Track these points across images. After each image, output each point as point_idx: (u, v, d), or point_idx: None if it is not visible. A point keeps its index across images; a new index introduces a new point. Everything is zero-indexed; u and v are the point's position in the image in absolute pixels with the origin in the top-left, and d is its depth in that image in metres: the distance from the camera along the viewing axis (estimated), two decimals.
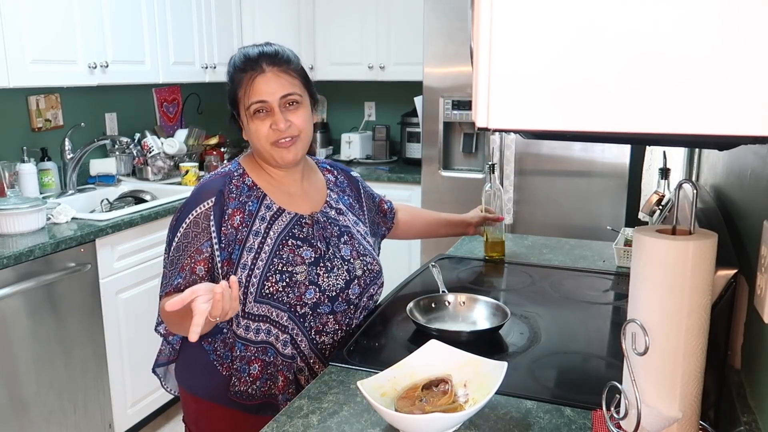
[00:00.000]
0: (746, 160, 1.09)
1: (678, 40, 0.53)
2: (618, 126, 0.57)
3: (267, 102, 1.32)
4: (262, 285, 1.30)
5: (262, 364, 1.34)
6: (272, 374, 1.35)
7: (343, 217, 1.46)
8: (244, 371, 1.35)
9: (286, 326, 1.33)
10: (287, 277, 1.31)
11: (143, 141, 3.30)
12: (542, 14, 0.56)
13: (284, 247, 1.33)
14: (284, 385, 1.35)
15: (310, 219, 1.38)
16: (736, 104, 0.53)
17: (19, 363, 2.15)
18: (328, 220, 1.41)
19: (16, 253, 2.09)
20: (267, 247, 1.31)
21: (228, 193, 1.32)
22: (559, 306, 1.60)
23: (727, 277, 0.98)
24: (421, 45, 3.29)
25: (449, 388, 1.07)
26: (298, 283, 1.31)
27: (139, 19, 3.01)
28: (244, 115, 1.34)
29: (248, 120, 1.34)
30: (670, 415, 0.85)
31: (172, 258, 1.32)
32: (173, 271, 1.31)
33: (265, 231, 1.32)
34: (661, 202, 1.77)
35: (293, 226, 1.35)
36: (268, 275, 1.30)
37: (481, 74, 0.59)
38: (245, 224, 1.31)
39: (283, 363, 1.35)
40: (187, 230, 1.31)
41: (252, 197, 1.34)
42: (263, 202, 1.35)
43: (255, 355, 1.34)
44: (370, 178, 3.67)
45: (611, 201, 3.04)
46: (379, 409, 0.98)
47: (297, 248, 1.34)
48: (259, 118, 1.33)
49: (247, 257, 1.30)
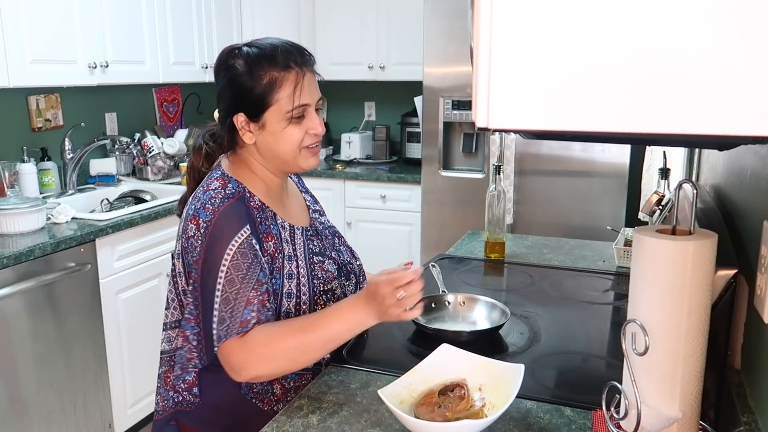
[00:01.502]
0: (746, 160, 1.09)
1: (678, 39, 0.53)
2: (618, 126, 0.57)
3: (310, 105, 1.21)
4: (313, 310, 1.24)
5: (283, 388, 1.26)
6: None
7: (323, 217, 1.41)
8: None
9: None
10: (330, 295, 1.26)
11: (143, 141, 3.30)
12: (542, 15, 0.56)
13: (315, 266, 1.25)
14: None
15: (312, 230, 1.32)
16: (736, 104, 0.53)
17: (19, 363, 2.15)
18: (322, 226, 1.37)
19: (16, 253, 2.09)
20: (302, 270, 1.23)
21: (254, 218, 1.19)
22: (559, 306, 1.60)
23: (727, 277, 0.97)
24: (421, 45, 3.29)
25: (465, 393, 1.07)
26: (338, 298, 1.27)
27: (139, 19, 3.01)
28: (276, 118, 1.18)
29: (282, 124, 1.19)
30: (670, 415, 0.85)
31: (226, 296, 1.12)
32: (236, 308, 1.13)
33: (294, 253, 1.23)
34: (661, 202, 1.78)
35: (306, 241, 1.27)
36: (316, 299, 1.24)
37: (481, 74, 0.59)
38: (279, 250, 1.21)
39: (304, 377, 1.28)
40: (235, 262, 1.13)
41: (268, 218, 1.22)
42: (277, 222, 1.23)
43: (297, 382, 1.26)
44: (370, 178, 3.68)
45: (611, 201, 3.04)
46: (405, 420, 0.97)
47: (322, 264, 1.27)
48: (297, 122, 1.19)
49: (290, 285, 1.21)
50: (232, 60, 1.20)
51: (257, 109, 1.18)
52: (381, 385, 1.08)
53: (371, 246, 3.55)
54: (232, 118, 1.20)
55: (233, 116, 1.20)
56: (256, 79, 1.17)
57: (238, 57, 1.19)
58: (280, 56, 1.18)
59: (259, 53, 1.18)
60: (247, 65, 1.18)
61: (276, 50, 1.19)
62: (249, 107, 1.18)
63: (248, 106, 1.18)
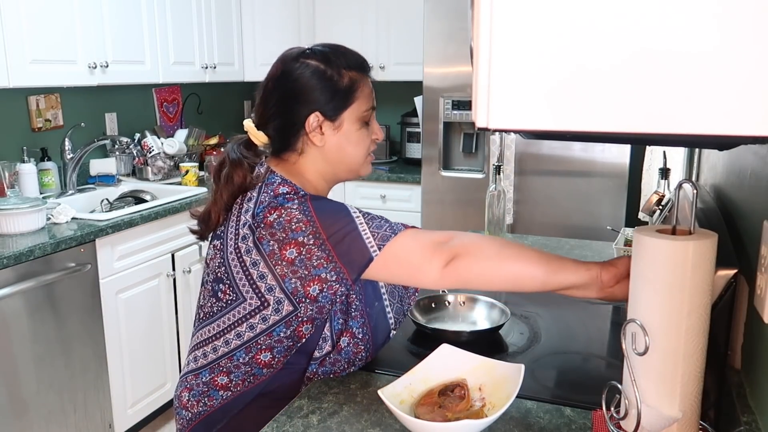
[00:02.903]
0: (746, 160, 1.09)
1: (677, 39, 0.53)
2: (618, 126, 0.57)
3: (375, 110, 1.21)
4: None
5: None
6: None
7: None
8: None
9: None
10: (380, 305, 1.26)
11: (143, 141, 3.30)
12: (542, 15, 0.56)
13: None
14: None
15: None
16: (736, 104, 0.53)
17: (19, 363, 2.15)
18: None
19: (16, 253, 2.09)
20: None
21: None
22: (559, 306, 1.60)
23: (727, 277, 0.97)
24: (421, 45, 3.29)
25: (465, 393, 1.07)
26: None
27: (139, 19, 3.01)
28: (352, 118, 1.16)
29: (356, 125, 1.17)
30: (670, 415, 0.84)
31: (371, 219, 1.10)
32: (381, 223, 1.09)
33: None
34: (661, 202, 1.78)
35: None
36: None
37: (481, 74, 0.59)
38: None
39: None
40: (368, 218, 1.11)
41: None
42: None
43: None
44: (370, 178, 3.67)
45: (611, 201, 3.04)
46: (405, 420, 0.97)
47: None
48: (366, 126, 1.19)
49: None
50: (305, 59, 1.16)
51: (339, 106, 1.15)
52: (381, 385, 1.08)
53: None
54: (304, 118, 1.15)
55: (307, 116, 1.15)
56: (339, 76, 1.15)
57: (312, 56, 1.16)
58: (357, 58, 1.18)
59: (336, 53, 1.17)
60: (325, 63, 1.15)
61: (351, 52, 1.19)
62: (329, 104, 1.15)
63: (329, 102, 1.15)
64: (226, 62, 3.66)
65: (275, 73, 1.18)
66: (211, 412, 1.21)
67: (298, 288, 1.09)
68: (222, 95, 4.10)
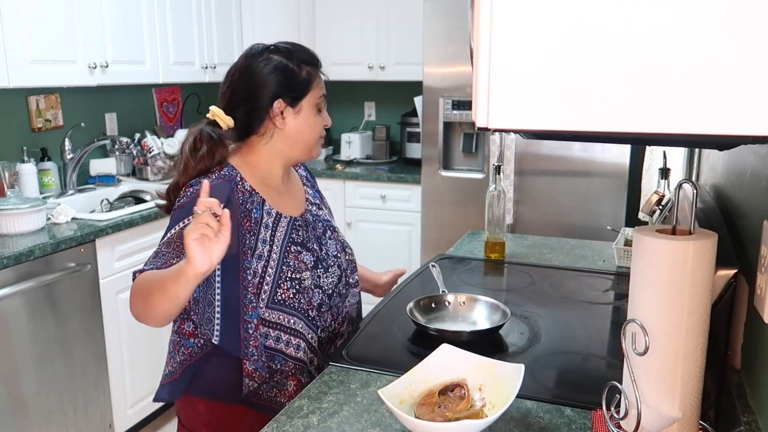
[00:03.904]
0: (746, 160, 1.09)
1: (677, 39, 0.53)
2: (618, 126, 0.57)
3: (325, 99, 1.39)
4: (275, 292, 1.31)
5: (269, 371, 1.33)
6: (279, 381, 1.34)
7: (321, 211, 1.49)
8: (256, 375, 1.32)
9: (299, 331, 1.34)
10: (297, 284, 1.33)
11: (143, 141, 3.30)
12: (542, 15, 0.56)
13: (289, 254, 1.34)
14: (296, 389, 1.33)
15: (302, 221, 1.40)
16: (736, 104, 0.53)
17: (19, 363, 2.15)
18: (314, 218, 1.44)
19: (16, 253, 2.09)
20: (274, 254, 1.32)
21: (236, 200, 1.29)
22: (559, 306, 1.60)
23: (727, 277, 0.97)
24: (421, 45, 3.29)
25: (465, 393, 1.07)
26: (306, 289, 1.35)
27: (139, 19, 3.01)
28: (309, 105, 1.35)
29: (312, 111, 1.36)
30: (670, 414, 0.85)
31: (170, 240, 1.23)
32: (171, 253, 1.21)
33: (270, 238, 1.32)
34: (661, 202, 1.78)
35: (291, 231, 1.36)
36: (280, 282, 1.32)
37: (481, 74, 0.59)
38: (252, 232, 1.30)
39: (295, 367, 1.34)
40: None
41: (254, 203, 1.31)
42: (264, 208, 1.33)
43: (264, 361, 1.32)
44: (370, 178, 3.68)
45: (611, 201, 3.04)
46: (405, 420, 0.97)
47: (299, 254, 1.35)
48: (319, 113, 1.38)
49: (257, 265, 1.30)
50: (268, 53, 1.33)
51: (298, 94, 1.33)
52: (381, 385, 1.08)
53: (371, 246, 3.55)
54: (270, 102, 1.31)
55: (271, 103, 1.31)
56: (300, 69, 1.34)
57: (276, 52, 1.34)
58: (312, 54, 1.37)
59: (295, 50, 1.36)
60: (288, 58, 1.33)
61: (306, 49, 1.38)
62: (292, 92, 1.33)
63: (290, 91, 1.32)
64: (226, 62, 3.65)
65: (241, 65, 1.35)
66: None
67: None
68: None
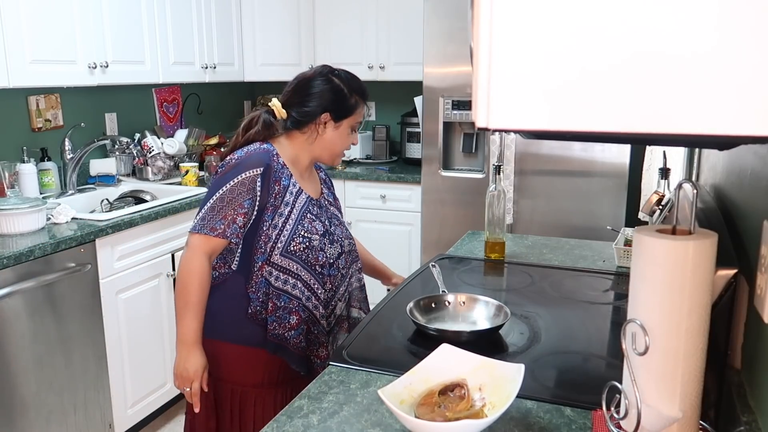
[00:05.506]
0: (746, 160, 1.09)
1: (677, 38, 0.53)
2: (618, 126, 0.57)
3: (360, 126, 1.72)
4: (288, 243, 1.59)
5: (274, 306, 1.59)
6: (281, 316, 1.59)
7: (332, 207, 1.78)
8: (260, 313, 1.61)
9: (304, 279, 1.61)
10: (307, 241, 1.61)
11: (143, 141, 3.30)
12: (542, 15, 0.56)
13: (305, 218, 1.63)
14: (297, 323, 1.60)
15: (317, 201, 1.69)
16: (736, 104, 0.53)
17: (19, 363, 2.15)
18: (326, 206, 1.74)
19: (16, 253, 2.09)
20: (293, 215, 1.61)
21: (272, 166, 1.58)
22: (559, 306, 1.60)
23: (727, 277, 0.97)
24: (421, 45, 3.29)
25: (466, 393, 1.07)
26: (314, 248, 1.62)
27: (139, 19, 3.01)
28: (347, 125, 1.65)
29: (347, 130, 1.66)
30: (670, 414, 0.85)
31: (214, 205, 1.54)
32: (215, 216, 1.54)
33: (293, 203, 1.62)
34: (661, 202, 1.78)
35: (309, 203, 1.65)
36: (294, 237, 1.60)
37: (481, 74, 0.59)
38: (280, 194, 1.59)
39: (298, 305, 1.60)
40: (233, 187, 1.53)
41: (285, 174, 1.61)
42: (291, 180, 1.62)
43: (270, 298, 1.59)
44: (370, 178, 3.68)
45: (611, 201, 3.04)
46: (405, 420, 0.97)
47: (313, 221, 1.64)
48: (353, 133, 1.69)
49: (278, 220, 1.59)
50: (333, 76, 1.63)
51: (344, 114, 1.63)
52: (381, 385, 1.08)
53: (371, 246, 3.52)
54: (320, 113, 1.61)
55: (321, 113, 1.61)
56: (351, 96, 1.64)
57: (338, 77, 1.64)
58: (363, 89, 1.67)
59: (352, 80, 1.66)
60: (344, 84, 1.63)
61: (361, 83, 1.68)
62: (338, 111, 1.63)
63: (338, 110, 1.62)
64: (226, 62, 3.66)
65: (309, 76, 1.65)
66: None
67: None
68: (222, 95, 4.10)
